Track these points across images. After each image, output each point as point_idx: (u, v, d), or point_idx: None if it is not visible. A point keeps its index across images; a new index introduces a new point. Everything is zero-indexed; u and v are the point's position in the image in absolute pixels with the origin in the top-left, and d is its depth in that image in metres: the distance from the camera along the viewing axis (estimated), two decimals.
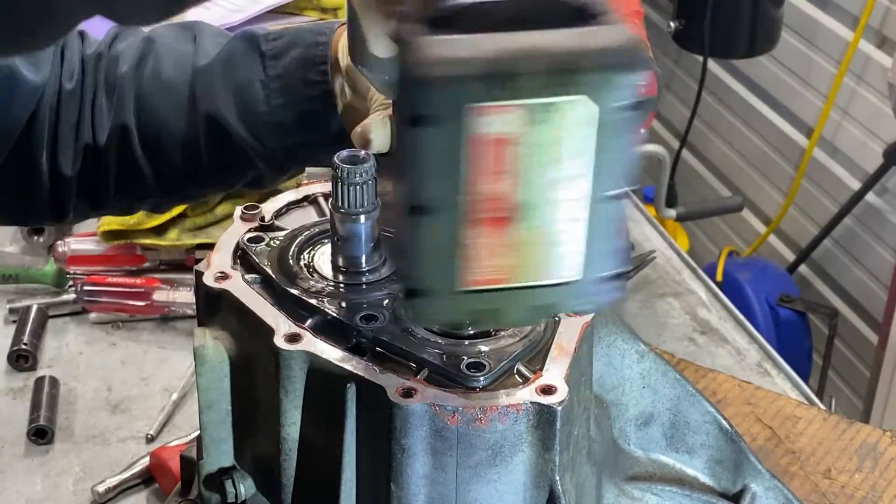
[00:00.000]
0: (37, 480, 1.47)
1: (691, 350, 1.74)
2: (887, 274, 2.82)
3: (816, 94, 3.07)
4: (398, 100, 0.66)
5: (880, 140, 2.87)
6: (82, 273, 1.73)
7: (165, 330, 1.71)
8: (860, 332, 3.03)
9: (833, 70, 2.99)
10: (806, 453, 1.38)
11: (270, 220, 1.00)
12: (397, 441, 0.82)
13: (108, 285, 1.68)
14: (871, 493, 1.33)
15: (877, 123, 2.89)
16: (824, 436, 1.41)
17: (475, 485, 0.84)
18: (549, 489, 0.85)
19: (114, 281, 1.69)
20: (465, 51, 0.62)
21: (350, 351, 0.86)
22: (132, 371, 1.65)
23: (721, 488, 1.07)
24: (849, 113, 2.99)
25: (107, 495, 1.44)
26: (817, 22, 3.04)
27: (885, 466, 1.36)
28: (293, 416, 0.88)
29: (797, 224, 3.24)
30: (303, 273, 0.94)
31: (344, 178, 0.92)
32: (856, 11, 2.90)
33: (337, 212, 0.93)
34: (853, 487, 1.34)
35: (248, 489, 0.94)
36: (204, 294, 0.94)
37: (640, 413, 1.03)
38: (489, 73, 0.62)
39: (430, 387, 0.83)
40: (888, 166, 2.81)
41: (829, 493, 1.32)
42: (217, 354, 0.91)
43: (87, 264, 1.74)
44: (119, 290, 1.68)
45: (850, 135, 3.00)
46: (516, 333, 0.88)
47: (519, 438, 0.83)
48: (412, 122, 0.63)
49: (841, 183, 3.04)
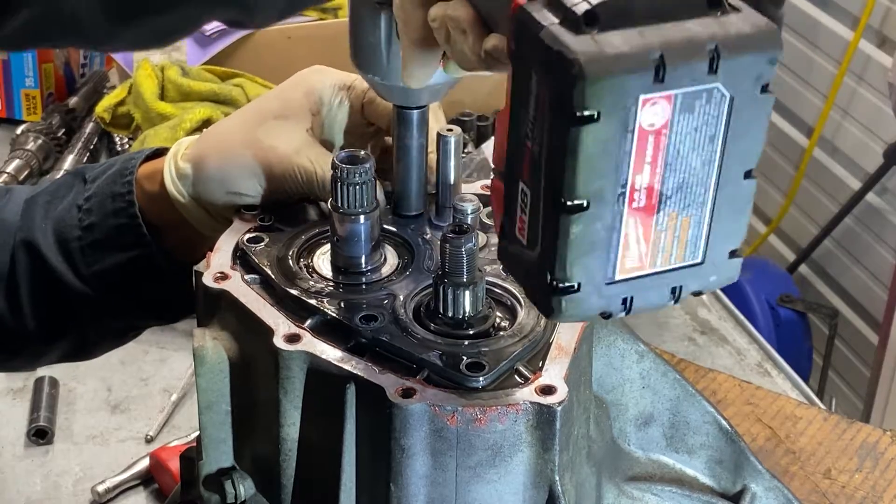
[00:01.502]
0: (37, 480, 1.47)
1: (691, 350, 1.74)
2: (887, 274, 2.82)
3: (816, 93, 3.07)
4: (552, 100, 0.66)
5: (880, 140, 2.87)
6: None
7: (165, 330, 1.71)
8: (860, 332, 3.03)
9: (833, 70, 2.99)
10: (806, 453, 1.38)
11: (270, 220, 1.00)
12: (397, 441, 0.82)
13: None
14: (871, 493, 1.33)
15: (877, 123, 2.89)
16: (824, 436, 1.41)
17: (475, 485, 0.84)
18: (549, 489, 0.85)
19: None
20: (623, 46, 0.64)
21: (350, 351, 0.86)
22: (132, 371, 1.65)
23: (721, 488, 1.07)
24: (849, 113, 2.99)
25: (107, 495, 1.44)
26: (817, 22, 3.04)
27: (886, 466, 1.36)
28: (293, 417, 0.88)
29: (797, 224, 3.24)
30: (302, 273, 0.94)
31: (343, 179, 0.92)
32: (856, 11, 2.90)
33: (336, 212, 0.93)
34: (853, 487, 1.34)
35: (248, 489, 0.94)
36: (203, 294, 0.94)
37: (639, 413, 1.02)
38: (650, 66, 0.64)
39: (430, 387, 0.83)
40: (888, 166, 2.81)
41: (830, 493, 1.32)
42: (216, 355, 0.91)
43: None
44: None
45: (850, 135, 3.00)
46: (516, 333, 0.88)
47: (518, 439, 0.83)
48: (576, 122, 0.64)
49: (841, 183, 3.04)
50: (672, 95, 0.66)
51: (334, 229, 0.94)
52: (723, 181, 0.70)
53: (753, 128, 0.69)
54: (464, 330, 0.88)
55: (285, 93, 1.04)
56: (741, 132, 0.68)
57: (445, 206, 1.00)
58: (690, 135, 0.67)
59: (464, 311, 0.88)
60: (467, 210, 0.95)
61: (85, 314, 1.11)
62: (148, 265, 1.07)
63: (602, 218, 0.67)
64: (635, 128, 0.66)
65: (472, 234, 0.87)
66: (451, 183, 0.99)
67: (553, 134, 0.66)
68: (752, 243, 3.35)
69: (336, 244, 0.94)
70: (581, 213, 0.67)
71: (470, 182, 1.05)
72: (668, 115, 0.66)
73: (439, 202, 1.00)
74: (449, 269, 0.87)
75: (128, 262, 1.07)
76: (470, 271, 0.87)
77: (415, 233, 0.99)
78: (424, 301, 0.91)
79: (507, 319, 0.90)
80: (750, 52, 0.67)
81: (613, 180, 0.67)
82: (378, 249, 0.95)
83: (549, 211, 0.68)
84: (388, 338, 0.87)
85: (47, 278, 1.09)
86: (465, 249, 0.86)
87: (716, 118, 0.67)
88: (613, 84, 0.64)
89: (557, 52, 0.64)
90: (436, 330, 0.88)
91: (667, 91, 0.65)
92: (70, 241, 1.08)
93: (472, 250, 0.86)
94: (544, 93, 0.66)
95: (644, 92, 0.65)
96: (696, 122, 0.67)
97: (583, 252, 0.68)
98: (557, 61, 0.64)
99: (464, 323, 0.88)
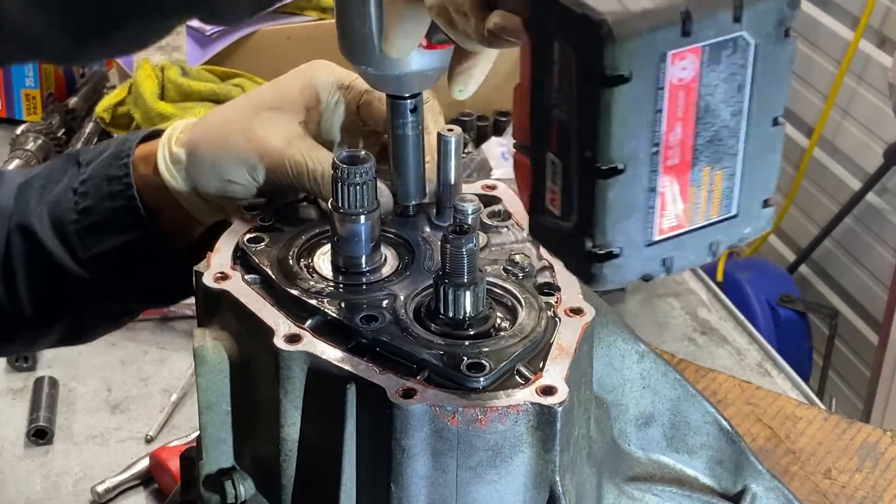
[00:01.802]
0: (37, 480, 1.47)
1: (691, 350, 1.74)
2: (887, 274, 2.82)
3: (816, 93, 3.07)
4: (579, 65, 0.65)
5: (880, 140, 2.87)
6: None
7: (165, 330, 1.72)
8: (860, 332, 3.03)
9: (833, 70, 2.99)
10: (806, 453, 1.38)
11: (270, 220, 1.00)
12: (397, 442, 0.82)
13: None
14: (871, 493, 1.33)
15: (877, 123, 2.89)
16: (824, 436, 1.41)
17: (475, 486, 0.84)
18: (550, 490, 0.85)
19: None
20: (648, 3, 0.64)
21: (350, 351, 0.86)
22: (132, 371, 1.65)
23: (721, 489, 1.07)
24: (849, 113, 2.99)
25: (106, 495, 1.44)
26: (818, 22, 3.04)
27: (886, 466, 1.36)
28: (293, 417, 0.88)
29: (797, 224, 3.24)
30: (303, 273, 0.94)
31: (343, 179, 0.92)
32: (856, 11, 2.90)
33: (336, 212, 0.93)
34: (853, 487, 1.33)
35: (248, 490, 0.94)
36: (204, 294, 0.94)
37: (640, 413, 1.02)
38: (677, 20, 0.64)
39: (430, 387, 0.83)
40: (888, 166, 2.81)
41: (830, 493, 1.32)
42: (217, 355, 0.91)
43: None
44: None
45: (850, 135, 3.00)
46: (516, 334, 0.88)
47: (519, 439, 0.83)
48: (606, 83, 0.64)
49: (841, 183, 3.04)
50: (699, 48, 0.65)
51: (334, 229, 0.94)
52: (752, 131, 0.69)
53: (779, 74, 0.69)
54: (464, 330, 0.88)
55: (282, 85, 1.04)
56: (767, 80, 0.68)
57: (446, 206, 0.99)
58: (719, 86, 0.67)
59: (464, 312, 0.88)
60: (468, 210, 0.95)
61: (82, 297, 1.11)
62: (145, 248, 1.07)
63: (638, 179, 0.67)
64: (665, 84, 0.65)
65: (473, 234, 0.86)
66: (452, 183, 0.99)
67: (583, 99, 0.65)
68: (752, 243, 3.35)
69: (336, 244, 0.94)
70: (617, 177, 0.66)
71: (470, 182, 1.04)
72: (696, 68, 0.66)
73: (440, 202, 1.00)
74: (449, 270, 0.87)
75: (125, 245, 1.07)
76: (470, 271, 0.87)
77: (415, 233, 0.99)
78: (425, 301, 0.90)
79: (508, 320, 0.90)
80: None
81: (647, 140, 0.66)
82: (378, 249, 0.95)
83: (584, 177, 0.67)
84: (389, 338, 0.86)
85: (44, 262, 1.09)
86: (465, 250, 0.86)
87: (742, 67, 0.67)
88: (642, 42, 0.63)
89: (582, 16, 0.63)
90: (436, 330, 0.88)
91: (694, 44, 0.65)
92: (66, 224, 1.08)
93: (473, 250, 0.86)
94: (569, 58, 0.65)
95: (672, 47, 0.64)
96: (723, 72, 0.67)
97: (621, 216, 0.67)
98: (583, 24, 0.63)
99: (464, 323, 0.88)
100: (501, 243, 0.98)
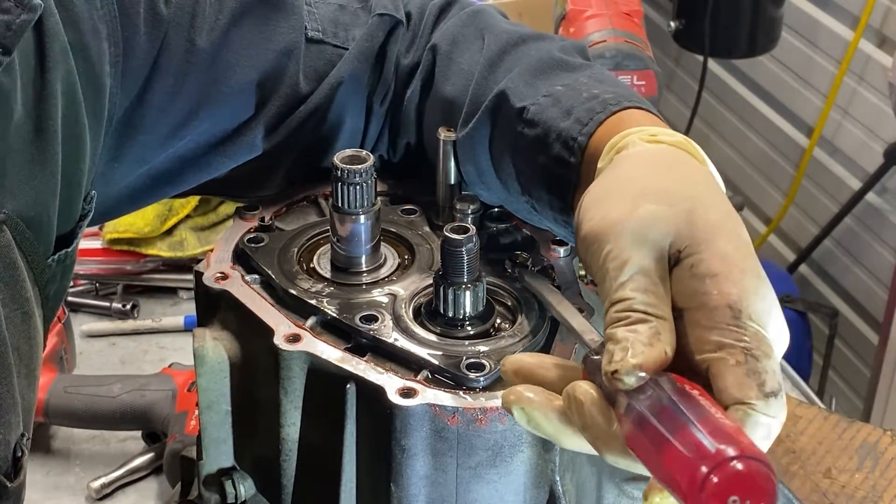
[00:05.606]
0: (36, 480, 1.46)
1: None
2: (887, 274, 2.82)
3: (816, 93, 3.06)
4: None
5: (880, 140, 2.86)
6: (84, 270, 1.73)
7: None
8: (860, 332, 3.03)
9: (833, 70, 2.99)
10: (806, 453, 1.38)
11: (270, 220, 1.00)
12: (397, 442, 0.82)
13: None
14: (871, 492, 1.33)
15: (877, 123, 2.89)
16: (825, 435, 1.41)
17: (475, 485, 0.84)
18: (550, 489, 0.85)
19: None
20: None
21: (350, 351, 0.86)
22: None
23: None
24: (849, 113, 2.99)
25: (102, 491, 1.43)
26: (818, 22, 3.04)
27: (886, 466, 1.36)
28: (293, 417, 0.88)
29: (797, 224, 3.24)
30: (302, 273, 0.94)
31: (344, 178, 0.92)
32: (856, 11, 2.90)
33: (336, 212, 0.93)
34: (853, 487, 1.34)
35: (248, 490, 0.94)
36: (204, 294, 0.94)
37: None
38: None
39: (430, 387, 0.83)
40: (888, 166, 2.81)
41: (830, 493, 1.32)
42: (217, 355, 0.91)
43: (90, 260, 1.74)
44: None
45: (850, 134, 3.00)
46: (516, 333, 0.88)
47: (519, 439, 0.83)
48: None
49: (841, 183, 3.04)
50: None
51: (334, 229, 0.94)
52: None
53: None
54: (464, 330, 0.88)
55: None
56: None
57: (446, 206, 1.00)
58: None
59: (464, 312, 0.88)
60: (467, 210, 0.95)
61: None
62: (554, 178, 0.92)
63: None
64: None
65: (473, 234, 0.86)
66: (452, 183, 0.99)
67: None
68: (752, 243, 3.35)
69: (336, 244, 0.94)
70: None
71: None
72: None
73: (440, 202, 1.00)
74: (449, 270, 0.87)
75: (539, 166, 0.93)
76: (470, 271, 0.87)
77: (415, 233, 0.99)
78: (425, 301, 0.91)
79: (508, 320, 0.90)
80: None
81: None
82: (378, 249, 0.95)
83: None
84: (389, 338, 0.86)
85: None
86: (465, 249, 0.86)
87: None
88: None
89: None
90: (436, 330, 0.88)
91: None
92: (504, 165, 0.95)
93: (473, 250, 0.86)
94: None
95: None
96: None
97: None
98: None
99: (464, 323, 0.88)
100: (501, 243, 0.98)
